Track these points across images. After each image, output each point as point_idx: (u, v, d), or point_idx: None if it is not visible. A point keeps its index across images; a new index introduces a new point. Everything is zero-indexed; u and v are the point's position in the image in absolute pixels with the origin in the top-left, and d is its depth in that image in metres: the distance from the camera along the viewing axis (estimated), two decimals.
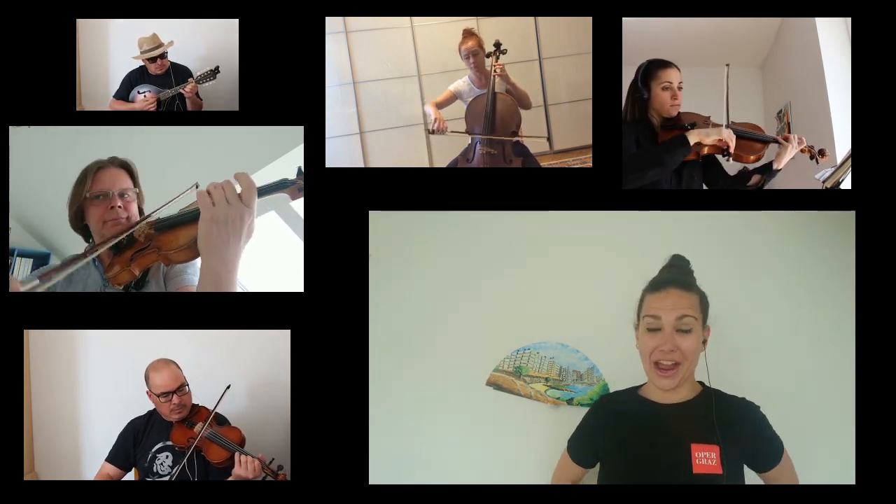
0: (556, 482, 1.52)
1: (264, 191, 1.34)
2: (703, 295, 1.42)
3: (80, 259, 1.41)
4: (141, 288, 1.47)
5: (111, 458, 1.61)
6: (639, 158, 1.58)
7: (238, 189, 1.25)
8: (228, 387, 1.60)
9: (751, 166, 1.68)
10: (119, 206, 1.44)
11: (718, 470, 1.31)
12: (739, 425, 1.37)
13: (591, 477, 1.47)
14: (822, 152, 1.63)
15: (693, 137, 1.59)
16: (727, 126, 1.62)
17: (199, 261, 1.44)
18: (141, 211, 1.51)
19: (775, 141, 1.65)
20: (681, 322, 1.37)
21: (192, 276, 1.48)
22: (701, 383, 1.43)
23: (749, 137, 1.66)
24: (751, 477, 1.37)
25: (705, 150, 1.63)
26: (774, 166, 1.62)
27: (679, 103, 1.65)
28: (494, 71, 1.85)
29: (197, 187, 1.33)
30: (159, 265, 1.47)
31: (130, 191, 1.49)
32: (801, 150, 1.62)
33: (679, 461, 1.34)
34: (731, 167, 1.72)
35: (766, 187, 1.65)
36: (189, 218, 1.34)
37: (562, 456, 1.49)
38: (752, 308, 1.58)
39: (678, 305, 1.38)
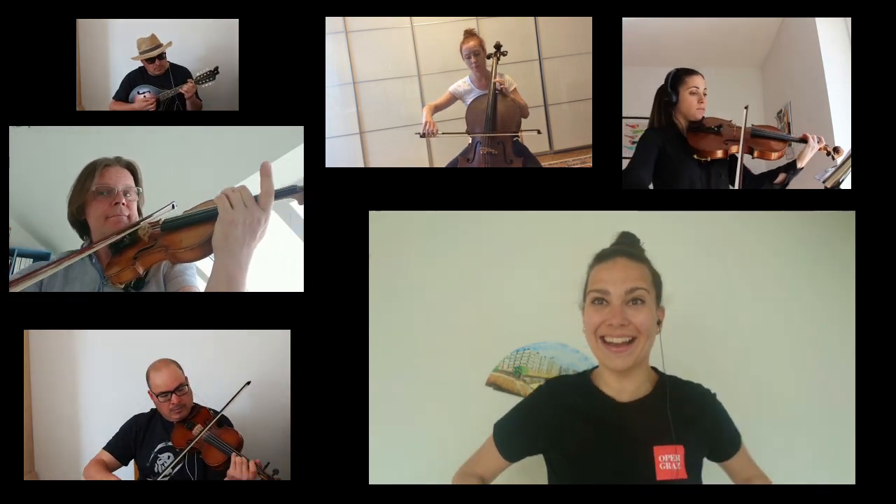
0: (467, 471, 1.41)
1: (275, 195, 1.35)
2: (655, 272, 1.35)
3: (76, 255, 1.42)
4: (140, 288, 1.48)
5: (109, 447, 1.61)
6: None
7: (253, 193, 1.29)
8: (248, 383, 1.61)
9: (774, 164, 1.74)
10: (122, 204, 1.47)
11: (684, 475, 1.25)
12: (699, 415, 1.31)
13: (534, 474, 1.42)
14: (836, 150, 1.67)
15: None
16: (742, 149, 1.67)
17: (197, 263, 1.48)
18: (140, 212, 1.53)
19: (798, 140, 1.70)
20: (631, 294, 1.28)
21: (192, 277, 1.50)
22: (655, 370, 1.36)
23: (771, 137, 1.72)
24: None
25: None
26: (798, 165, 1.69)
27: (704, 107, 1.72)
28: (495, 85, 1.87)
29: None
30: (159, 266, 1.49)
31: (133, 191, 1.51)
32: (820, 149, 1.68)
33: (640, 467, 1.25)
34: (756, 166, 1.78)
35: (789, 185, 1.71)
36: (196, 219, 1.36)
37: (486, 442, 1.41)
38: (751, 308, 1.58)
39: (628, 277, 1.29)
